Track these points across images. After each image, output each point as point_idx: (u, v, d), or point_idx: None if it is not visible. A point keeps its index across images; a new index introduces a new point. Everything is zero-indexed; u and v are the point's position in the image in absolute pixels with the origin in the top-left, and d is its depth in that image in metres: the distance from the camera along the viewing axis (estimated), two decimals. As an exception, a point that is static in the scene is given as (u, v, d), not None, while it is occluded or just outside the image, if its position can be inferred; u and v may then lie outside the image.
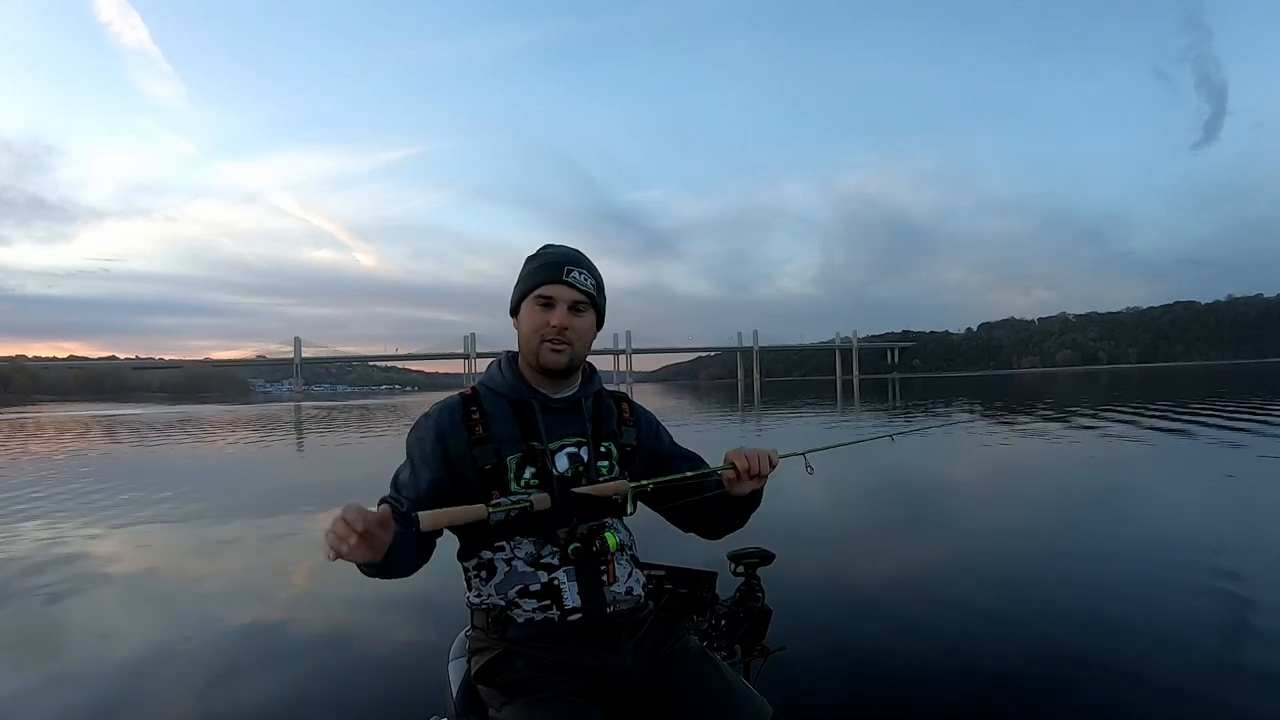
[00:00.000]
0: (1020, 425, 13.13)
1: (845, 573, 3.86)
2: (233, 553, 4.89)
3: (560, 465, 1.28)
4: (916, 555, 4.23)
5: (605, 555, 1.25)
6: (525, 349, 1.33)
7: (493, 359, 1.41)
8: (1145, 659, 2.56)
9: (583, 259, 1.34)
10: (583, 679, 1.21)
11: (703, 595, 1.59)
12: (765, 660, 1.54)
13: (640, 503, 1.41)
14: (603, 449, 1.34)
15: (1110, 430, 11.17)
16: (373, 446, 13.65)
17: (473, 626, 1.33)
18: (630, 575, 1.32)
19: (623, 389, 1.51)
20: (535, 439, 1.28)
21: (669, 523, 1.45)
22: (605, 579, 1.27)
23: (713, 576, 1.59)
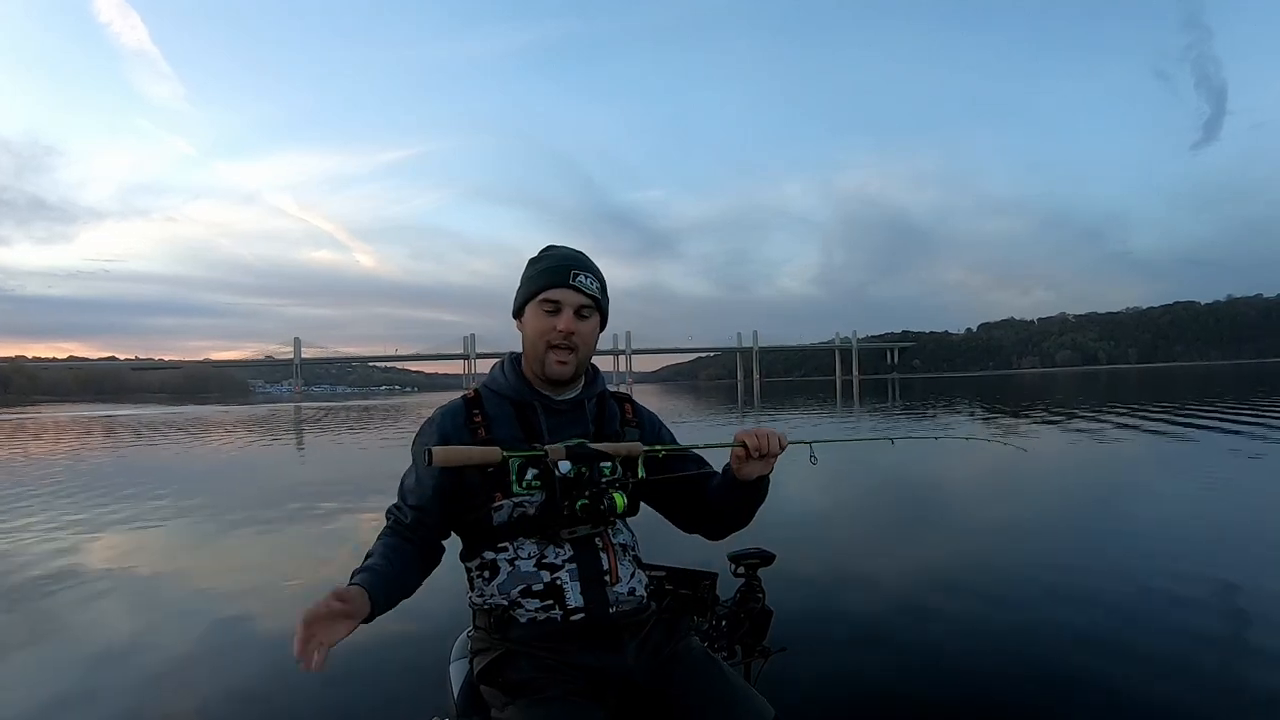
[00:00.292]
0: (1023, 429, 13.10)
1: (846, 574, 3.86)
2: (232, 552, 4.88)
3: (563, 466, 1.26)
4: (917, 556, 4.22)
5: (612, 515, 1.26)
6: (530, 353, 1.32)
7: (492, 359, 1.38)
8: (1144, 661, 2.56)
9: (587, 261, 1.33)
10: (585, 679, 1.21)
11: (703, 596, 1.59)
12: (766, 661, 1.54)
13: (642, 502, 1.40)
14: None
15: (1108, 432, 11.16)
16: (372, 446, 13.67)
17: (475, 627, 1.32)
18: (633, 576, 1.32)
19: (622, 389, 1.51)
20: (538, 440, 1.27)
21: (671, 524, 1.44)
22: (608, 579, 1.26)
23: (713, 577, 1.58)
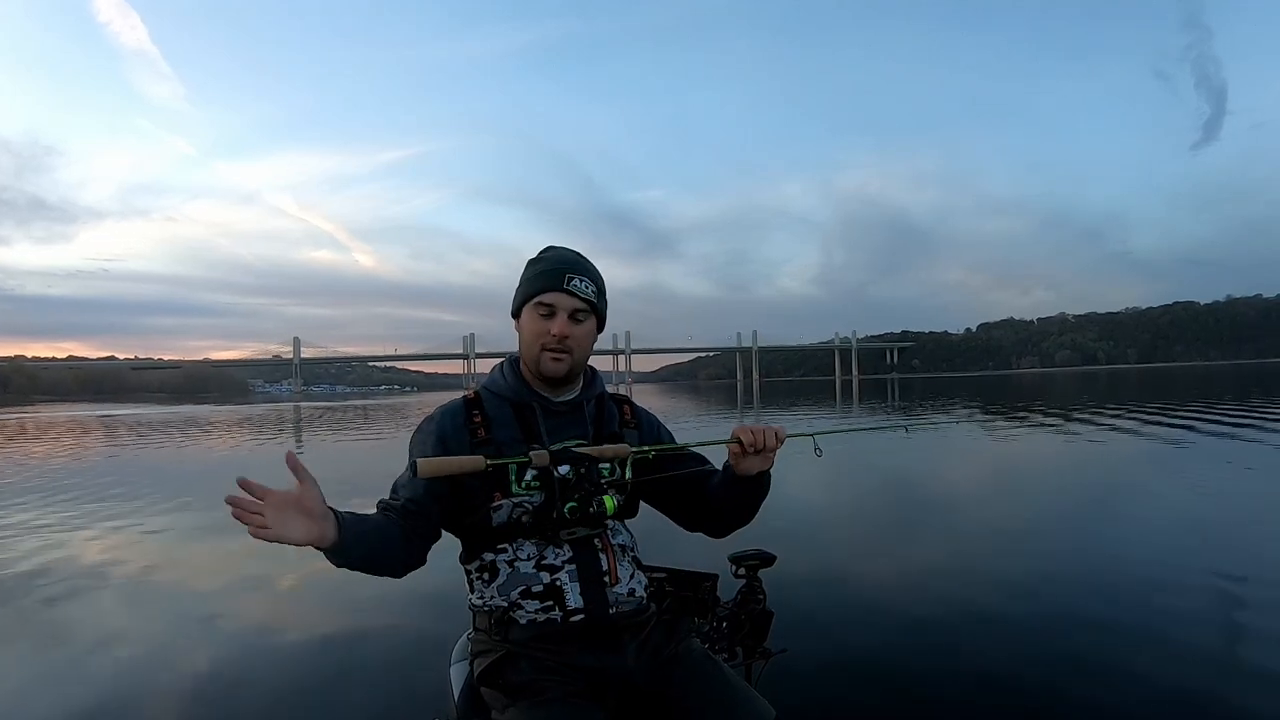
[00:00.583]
0: (1021, 427, 13.11)
1: (847, 575, 3.85)
2: (231, 552, 4.88)
3: (562, 468, 1.27)
4: (918, 556, 4.22)
5: (603, 519, 1.26)
6: (526, 355, 1.33)
7: (492, 359, 1.25)
8: (1144, 660, 2.55)
9: (584, 264, 1.33)
10: (585, 680, 1.21)
11: (704, 597, 1.58)
12: (767, 662, 1.53)
13: (643, 502, 1.40)
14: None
15: (1106, 433, 11.16)
16: (370, 445, 13.66)
17: (475, 629, 1.32)
18: (632, 576, 1.32)
19: (622, 389, 1.48)
20: (537, 442, 1.27)
21: (673, 522, 1.43)
22: (608, 580, 1.26)
23: (714, 578, 1.58)
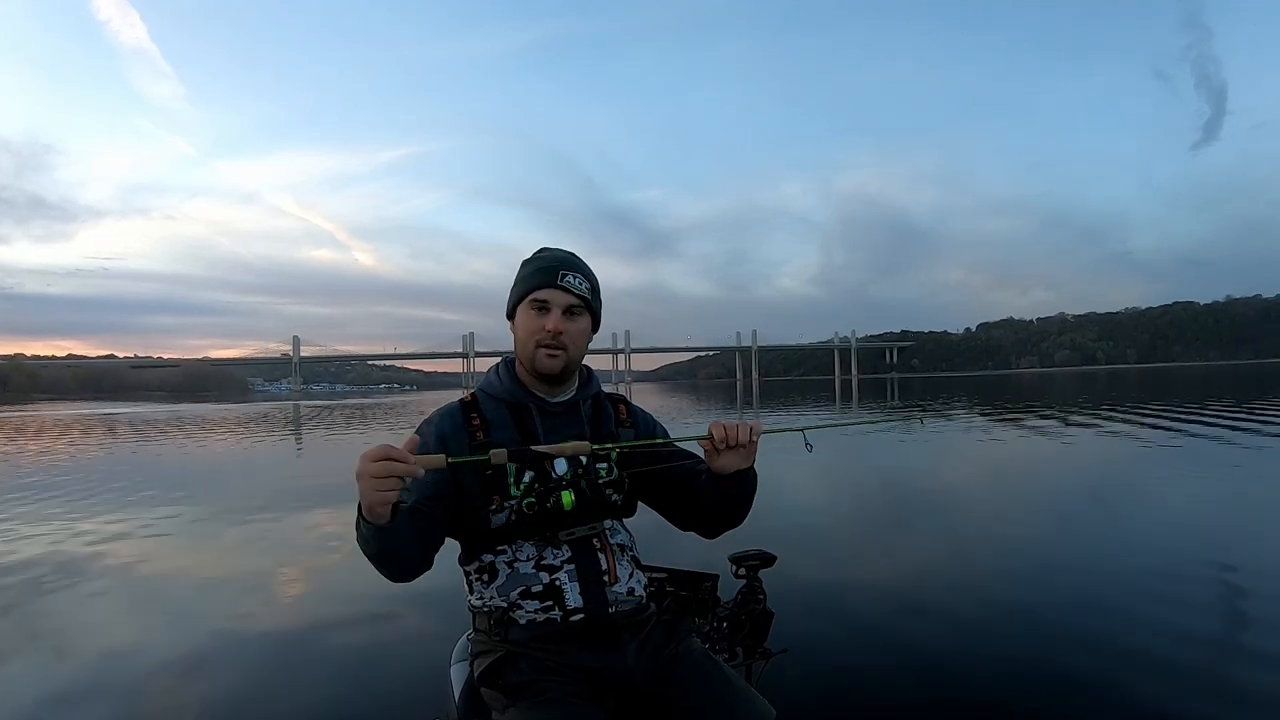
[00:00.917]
0: (1019, 428, 13.13)
1: (847, 575, 3.85)
2: (230, 552, 4.88)
3: (559, 468, 1.28)
4: (918, 557, 4.22)
5: (561, 515, 1.25)
6: (521, 353, 1.33)
7: (492, 358, 1.35)
8: (1143, 661, 2.56)
9: (578, 262, 1.34)
10: (585, 680, 1.21)
11: (704, 597, 1.58)
12: (767, 663, 1.53)
13: (640, 501, 1.41)
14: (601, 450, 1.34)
15: (1104, 433, 11.16)
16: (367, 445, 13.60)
17: (475, 630, 1.33)
18: (631, 576, 1.32)
19: (621, 389, 1.39)
20: (534, 442, 1.27)
21: (669, 522, 1.44)
22: (607, 579, 1.27)
23: (714, 579, 1.58)
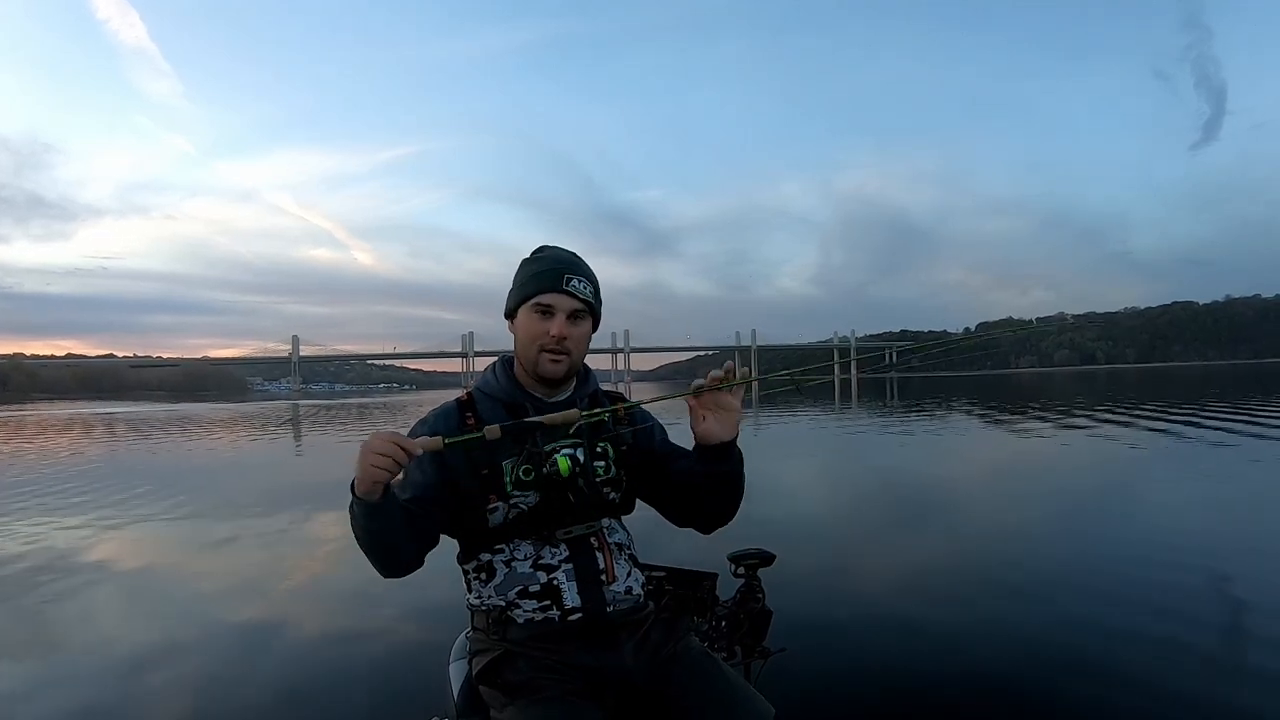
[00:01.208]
0: (1017, 427, 13.14)
1: (846, 574, 3.86)
2: (228, 551, 4.87)
3: (563, 451, 1.27)
4: (917, 556, 4.22)
5: (557, 478, 1.24)
6: (523, 356, 1.32)
7: (491, 358, 1.37)
8: (1142, 659, 2.56)
9: (581, 264, 1.33)
10: (583, 679, 1.21)
11: (703, 596, 1.58)
12: (766, 661, 1.53)
13: (638, 499, 1.41)
14: (599, 449, 1.33)
15: (1102, 433, 11.18)
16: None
17: (473, 628, 1.33)
18: (629, 575, 1.32)
19: (621, 388, 1.40)
20: (530, 443, 1.27)
21: (664, 517, 1.43)
22: (604, 578, 1.27)
23: (713, 577, 1.57)
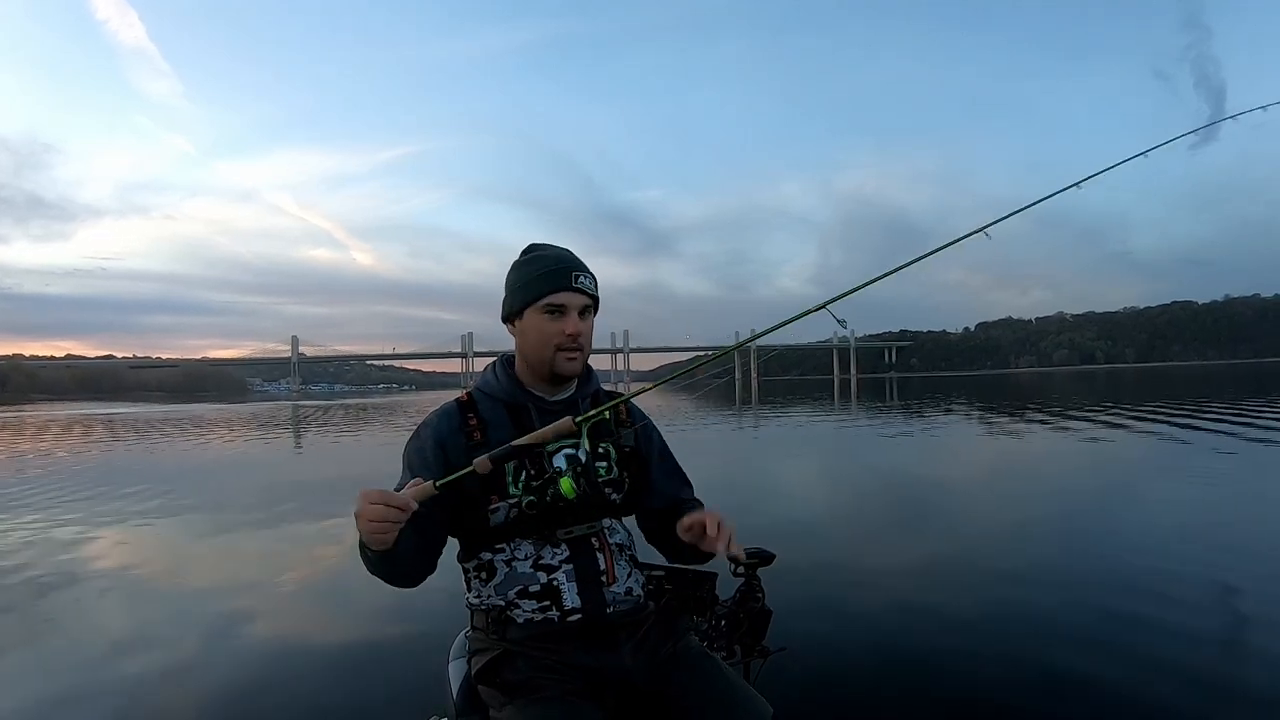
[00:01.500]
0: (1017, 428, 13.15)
1: (846, 573, 3.86)
2: (223, 551, 4.88)
3: (559, 463, 1.27)
4: (916, 555, 4.23)
5: (560, 502, 1.24)
6: (534, 358, 1.31)
7: (490, 358, 1.39)
8: (1142, 661, 2.56)
9: (580, 260, 1.33)
10: (583, 679, 1.21)
11: (702, 596, 1.58)
12: (765, 661, 1.54)
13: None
14: (601, 450, 1.33)
15: (1100, 433, 11.19)
16: (365, 443, 13.67)
17: (473, 627, 1.33)
18: (630, 576, 1.32)
19: (620, 388, 1.48)
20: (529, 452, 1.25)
21: (638, 527, 1.44)
22: (605, 579, 1.26)
23: (713, 577, 1.57)
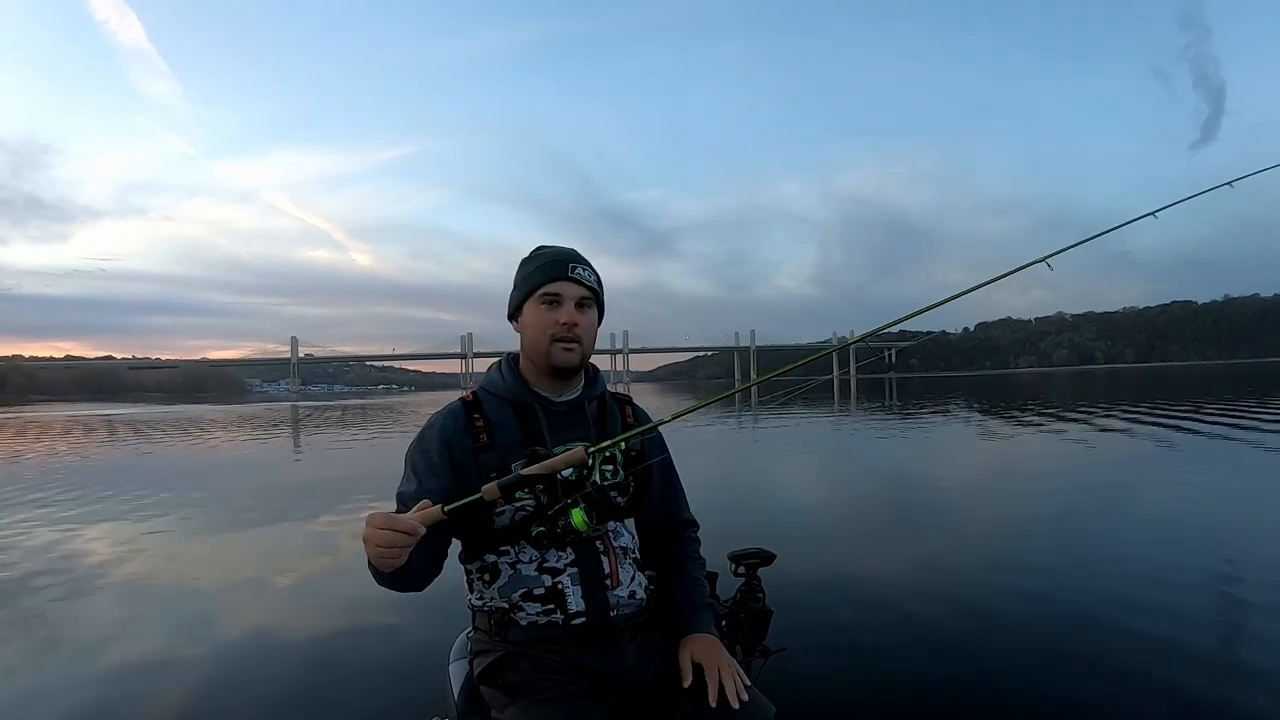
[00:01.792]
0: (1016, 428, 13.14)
1: (846, 573, 3.86)
2: (223, 552, 4.87)
3: (564, 470, 1.25)
4: (916, 554, 4.23)
5: (571, 534, 1.24)
6: (533, 350, 1.30)
7: (490, 359, 1.36)
8: (1143, 658, 2.56)
9: (582, 256, 1.33)
10: (586, 680, 1.21)
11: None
12: (766, 661, 1.53)
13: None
14: (607, 453, 1.31)
15: (1099, 433, 11.18)
16: (366, 444, 13.67)
17: (475, 628, 1.32)
18: (633, 579, 1.31)
19: (620, 389, 1.49)
20: (539, 443, 1.26)
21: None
22: (609, 583, 1.26)
23: (713, 577, 1.57)
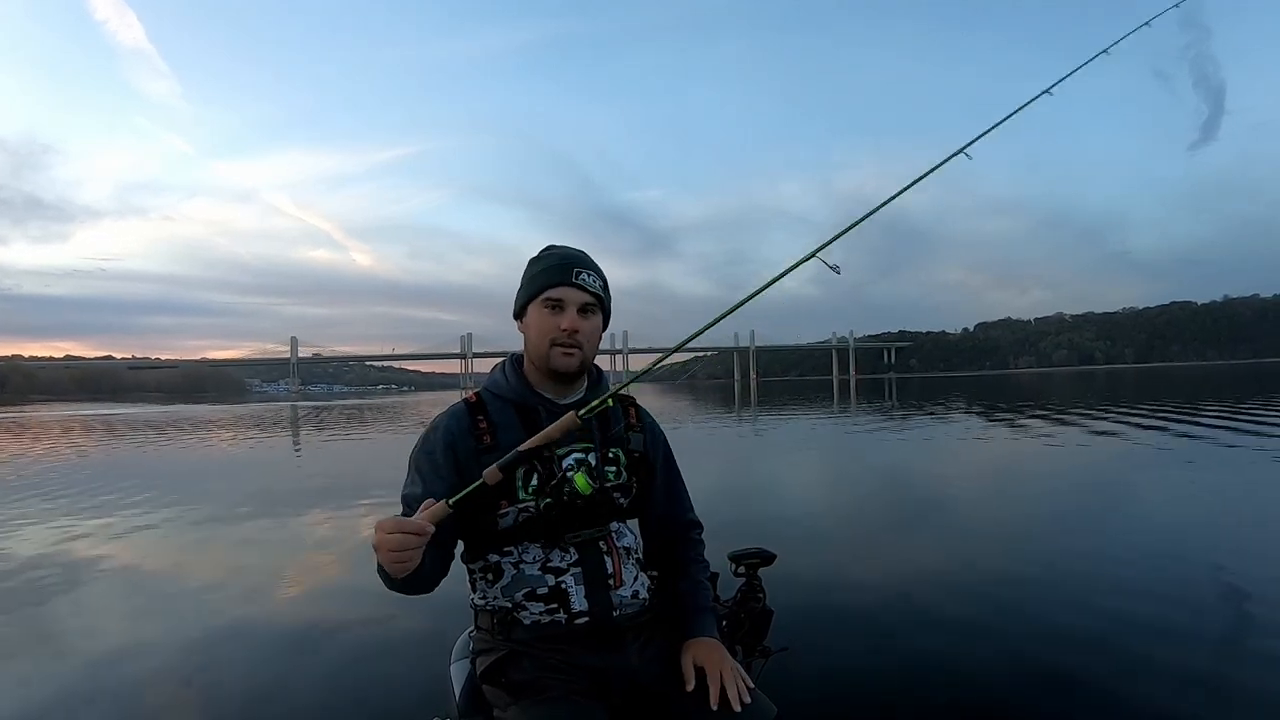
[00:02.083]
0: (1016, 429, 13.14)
1: (847, 573, 3.86)
2: (224, 551, 4.87)
3: (566, 464, 1.26)
4: (916, 555, 4.22)
5: (578, 498, 1.23)
6: (534, 353, 1.30)
7: (490, 359, 1.37)
8: (1142, 658, 2.56)
9: (589, 260, 1.33)
10: (589, 679, 1.21)
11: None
12: (767, 661, 1.54)
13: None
14: (610, 454, 1.32)
15: (1096, 433, 11.18)
16: (365, 445, 13.67)
17: (477, 628, 1.32)
18: (636, 579, 1.32)
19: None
20: (545, 445, 1.25)
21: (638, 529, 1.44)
22: (612, 583, 1.27)
23: (714, 577, 1.57)
